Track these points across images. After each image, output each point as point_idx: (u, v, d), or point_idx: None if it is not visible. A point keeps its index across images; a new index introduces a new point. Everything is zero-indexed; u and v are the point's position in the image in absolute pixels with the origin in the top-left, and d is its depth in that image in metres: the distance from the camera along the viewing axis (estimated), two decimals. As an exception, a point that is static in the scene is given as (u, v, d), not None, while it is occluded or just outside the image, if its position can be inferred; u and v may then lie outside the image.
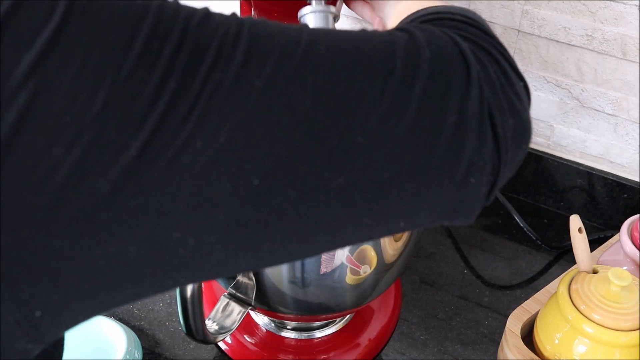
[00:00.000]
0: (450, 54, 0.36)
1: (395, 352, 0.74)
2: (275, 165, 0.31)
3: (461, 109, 0.34)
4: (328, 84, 0.32)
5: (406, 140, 0.33)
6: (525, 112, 0.39)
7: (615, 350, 0.62)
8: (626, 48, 0.80)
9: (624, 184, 0.88)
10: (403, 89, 0.33)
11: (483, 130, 0.35)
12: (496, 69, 0.37)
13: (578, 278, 0.66)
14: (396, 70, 0.34)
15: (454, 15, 0.40)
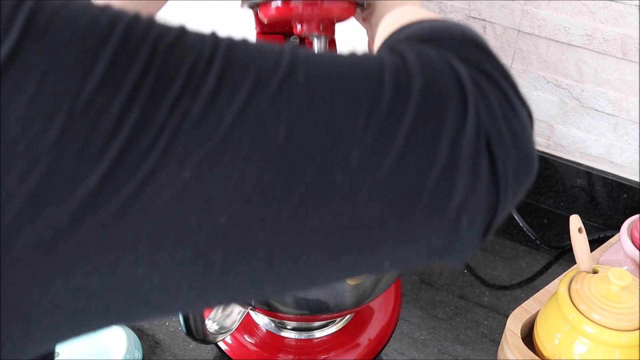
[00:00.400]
0: (446, 81, 0.32)
1: (395, 352, 0.74)
2: (244, 203, 0.28)
3: (454, 143, 0.31)
4: (305, 116, 0.29)
5: (390, 179, 0.30)
6: (530, 142, 0.35)
7: (616, 350, 0.62)
8: (626, 48, 0.80)
9: (624, 184, 0.88)
10: (390, 122, 0.30)
11: (478, 166, 0.31)
12: (499, 96, 0.34)
13: (578, 278, 0.66)
14: (383, 101, 0.31)
15: (452, 34, 0.37)
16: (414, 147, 0.30)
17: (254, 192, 0.28)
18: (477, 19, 0.88)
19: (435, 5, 0.90)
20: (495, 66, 0.35)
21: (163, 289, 0.29)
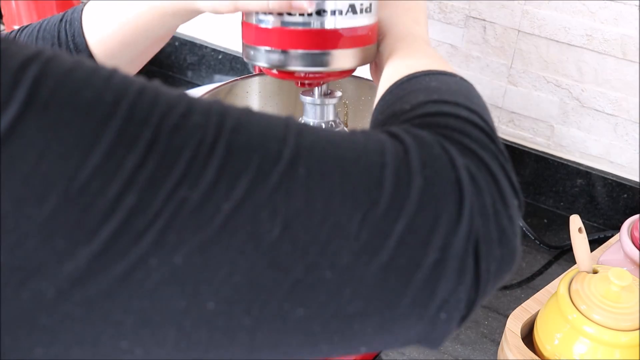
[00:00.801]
0: (446, 181, 0.32)
1: (395, 351, 0.74)
2: (232, 292, 0.29)
3: (444, 247, 0.31)
4: (301, 213, 0.29)
5: (377, 278, 0.30)
6: (516, 238, 0.35)
7: (616, 350, 0.62)
8: (626, 48, 0.80)
9: (624, 184, 0.88)
10: (385, 224, 0.30)
11: (464, 268, 0.32)
12: (493, 192, 0.34)
13: (578, 278, 0.66)
14: (381, 202, 0.31)
15: (458, 112, 0.37)
16: (405, 248, 0.31)
17: (242, 283, 0.29)
18: (477, 19, 0.88)
19: (435, 5, 0.90)
20: (496, 154, 0.36)
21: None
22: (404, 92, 0.42)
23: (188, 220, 0.27)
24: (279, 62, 0.57)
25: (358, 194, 0.31)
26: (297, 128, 0.32)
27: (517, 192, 0.36)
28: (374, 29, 0.59)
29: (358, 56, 0.58)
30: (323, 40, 0.56)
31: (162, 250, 0.27)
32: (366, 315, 0.31)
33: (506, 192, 0.35)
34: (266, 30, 0.56)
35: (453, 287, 0.32)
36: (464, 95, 0.40)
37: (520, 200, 0.36)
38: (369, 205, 0.30)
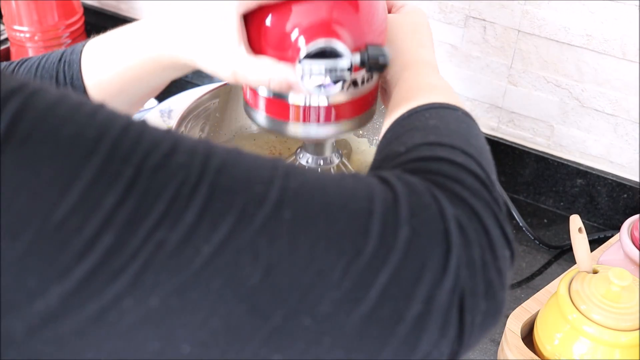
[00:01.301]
0: (433, 232, 0.31)
1: (395, 352, 0.74)
2: (209, 336, 0.28)
3: (429, 299, 0.30)
4: (284, 259, 0.28)
5: (358, 329, 0.29)
6: (502, 290, 0.35)
7: (616, 350, 0.62)
8: (626, 48, 0.80)
9: (624, 184, 0.88)
10: (368, 273, 0.29)
11: (448, 321, 0.31)
12: (483, 243, 0.33)
13: (578, 278, 0.66)
14: (365, 251, 0.30)
15: (453, 157, 0.36)
16: (388, 299, 0.30)
17: (220, 327, 0.28)
18: (477, 18, 0.88)
19: (435, 5, 0.90)
20: (489, 202, 0.35)
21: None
22: (402, 130, 0.41)
23: (166, 261, 0.27)
24: (277, 129, 0.58)
25: (343, 241, 0.30)
26: (284, 170, 0.31)
27: (510, 243, 0.35)
28: (374, 92, 0.60)
29: (357, 122, 0.58)
30: (320, 114, 0.56)
31: (137, 291, 0.26)
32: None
33: (497, 243, 0.34)
34: (265, 99, 0.56)
35: (436, 341, 0.31)
36: (463, 136, 0.39)
37: (513, 251, 0.36)
38: (353, 254, 0.29)
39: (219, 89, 0.73)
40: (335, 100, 0.55)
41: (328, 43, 0.49)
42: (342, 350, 0.30)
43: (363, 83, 0.56)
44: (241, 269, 0.28)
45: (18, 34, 1.14)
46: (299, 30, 0.51)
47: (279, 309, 0.28)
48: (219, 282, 0.27)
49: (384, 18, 0.56)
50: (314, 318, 0.29)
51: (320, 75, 0.50)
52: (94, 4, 1.26)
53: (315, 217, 0.30)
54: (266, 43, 0.53)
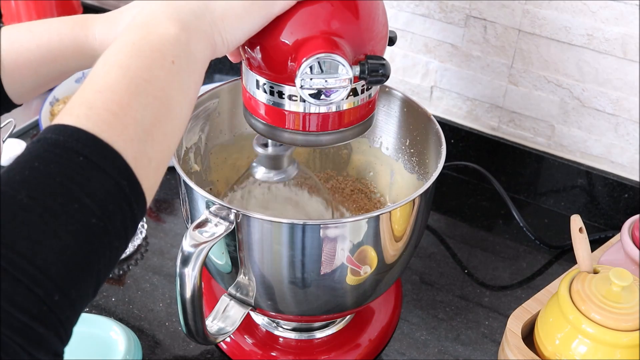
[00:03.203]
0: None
1: (396, 352, 0.74)
2: None
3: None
4: None
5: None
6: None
7: (616, 350, 0.62)
8: (627, 47, 0.80)
9: (624, 183, 0.87)
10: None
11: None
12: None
13: (579, 278, 0.65)
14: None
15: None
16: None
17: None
18: (478, 18, 0.88)
19: (436, 4, 0.90)
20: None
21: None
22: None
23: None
24: (276, 136, 0.58)
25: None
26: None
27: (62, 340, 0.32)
28: (374, 99, 0.59)
29: (358, 130, 0.58)
30: (321, 122, 0.56)
31: None
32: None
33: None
34: (264, 105, 0.56)
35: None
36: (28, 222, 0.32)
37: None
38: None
39: (219, 89, 0.73)
40: (335, 109, 0.55)
41: (328, 56, 0.49)
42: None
43: (363, 92, 0.56)
44: None
45: (18, 33, 1.14)
46: (299, 42, 0.51)
47: None
48: None
49: (384, 22, 0.56)
50: None
51: (320, 86, 0.50)
52: (93, 3, 1.26)
53: None
54: (266, 53, 0.53)
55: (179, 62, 0.42)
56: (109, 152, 0.36)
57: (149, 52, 0.41)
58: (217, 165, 0.78)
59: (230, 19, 0.47)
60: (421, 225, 0.65)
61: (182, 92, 0.43)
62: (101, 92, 0.38)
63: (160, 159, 0.41)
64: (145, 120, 0.39)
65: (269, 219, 0.56)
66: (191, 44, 0.44)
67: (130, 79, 0.39)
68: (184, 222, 0.69)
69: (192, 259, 0.54)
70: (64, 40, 0.56)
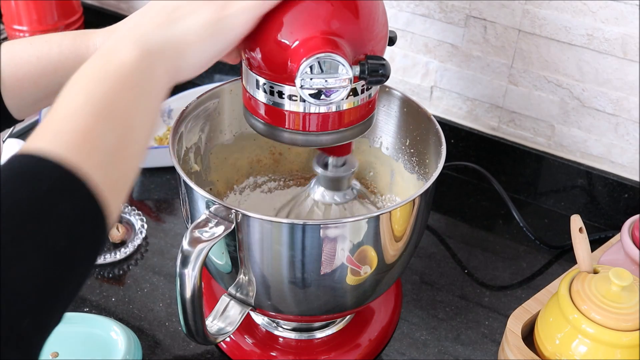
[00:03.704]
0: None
1: (396, 352, 0.74)
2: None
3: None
4: None
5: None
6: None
7: (616, 350, 0.62)
8: (627, 48, 0.80)
9: (624, 183, 0.87)
10: None
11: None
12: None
13: (579, 278, 0.65)
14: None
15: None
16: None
17: None
18: (478, 18, 0.88)
19: (436, 4, 0.90)
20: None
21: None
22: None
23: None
24: (276, 137, 0.58)
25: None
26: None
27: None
28: (374, 99, 0.59)
29: (358, 130, 0.58)
30: (320, 122, 0.56)
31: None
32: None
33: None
34: (264, 105, 0.56)
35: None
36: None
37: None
38: None
39: (219, 89, 0.73)
40: (335, 109, 0.55)
41: (328, 56, 0.49)
42: None
43: (363, 92, 0.56)
44: None
45: (18, 33, 1.14)
46: (298, 42, 0.51)
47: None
48: None
49: (384, 22, 0.56)
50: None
51: (320, 86, 0.50)
52: (93, 3, 1.26)
53: None
54: (266, 53, 0.53)
55: (141, 89, 0.44)
56: (75, 177, 0.37)
57: (112, 77, 0.43)
58: (217, 165, 0.78)
59: (193, 44, 0.48)
60: (421, 225, 0.65)
61: (144, 116, 0.44)
62: (67, 118, 0.39)
63: (124, 181, 0.42)
64: (109, 144, 0.40)
65: (269, 219, 0.56)
66: (153, 69, 0.45)
67: (94, 104, 0.41)
68: (184, 222, 0.69)
69: (192, 259, 0.54)
70: (64, 51, 0.57)
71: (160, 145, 1.00)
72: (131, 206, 0.90)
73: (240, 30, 0.51)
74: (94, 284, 0.80)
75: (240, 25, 0.50)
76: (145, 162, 0.98)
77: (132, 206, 0.90)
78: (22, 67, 0.56)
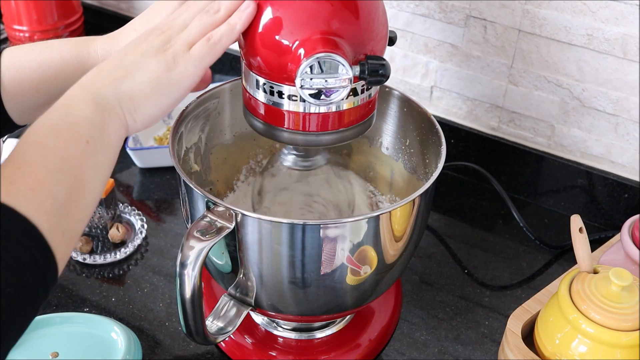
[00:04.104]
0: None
1: (396, 352, 0.74)
2: None
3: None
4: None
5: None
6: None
7: (616, 350, 0.62)
8: (627, 47, 0.80)
9: (624, 183, 0.87)
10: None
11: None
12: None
13: (579, 278, 0.65)
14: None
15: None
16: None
17: None
18: (478, 18, 0.88)
19: (436, 4, 0.90)
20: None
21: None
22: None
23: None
24: (275, 136, 0.58)
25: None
26: None
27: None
28: (374, 99, 0.59)
29: (357, 130, 0.58)
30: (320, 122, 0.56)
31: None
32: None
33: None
34: (264, 105, 0.56)
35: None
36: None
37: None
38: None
39: (219, 89, 0.73)
40: (335, 109, 0.55)
41: (328, 56, 0.49)
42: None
43: (363, 92, 0.56)
44: None
45: (18, 33, 1.14)
46: (298, 42, 0.51)
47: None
48: None
49: (384, 22, 0.56)
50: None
51: (320, 86, 0.50)
52: (93, 3, 1.26)
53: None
54: (266, 53, 0.53)
55: (94, 143, 0.46)
56: (26, 225, 0.39)
57: (65, 132, 0.45)
58: (217, 165, 0.78)
59: (139, 100, 0.50)
60: (421, 225, 0.65)
61: (96, 170, 0.46)
62: (20, 169, 0.41)
63: (73, 230, 0.44)
64: (60, 196, 0.42)
65: (268, 219, 0.56)
66: (105, 125, 0.47)
67: (47, 157, 0.43)
68: (184, 222, 0.69)
69: (192, 259, 0.54)
70: (65, 57, 0.58)
71: (160, 145, 1.00)
72: (131, 206, 0.90)
73: (190, 82, 0.52)
74: (94, 284, 0.80)
75: (189, 77, 0.52)
76: (145, 162, 0.98)
77: (132, 206, 0.90)
78: (23, 73, 0.57)
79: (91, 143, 0.45)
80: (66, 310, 0.76)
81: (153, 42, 0.52)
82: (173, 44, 0.52)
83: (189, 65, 0.51)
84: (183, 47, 0.52)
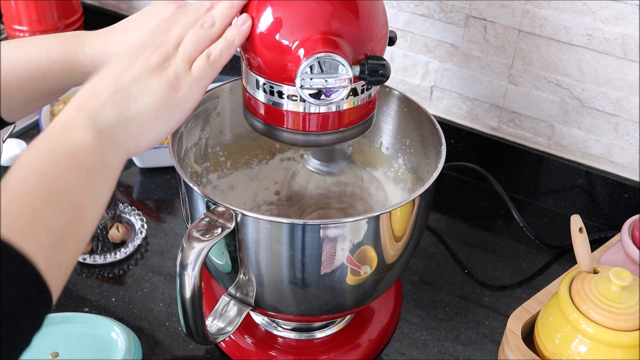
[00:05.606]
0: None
1: (396, 352, 0.74)
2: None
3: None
4: None
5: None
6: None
7: (616, 350, 0.62)
8: (627, 47, 0.80)
9: (624, 183, 0.87)
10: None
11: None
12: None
13: (579, 278, 0.65)
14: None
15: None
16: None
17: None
18: (478, 18, 0.88)
19: (436, 4, 0.90)
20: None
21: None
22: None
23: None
24: (276, 136, 0.58)
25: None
26: None
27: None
28: (374, 99, 0.59)
29: (357, 130, 0.58)
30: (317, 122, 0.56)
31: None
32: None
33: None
34: (264, 105, 0.56)
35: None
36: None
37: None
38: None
39: (219, 89, 0.73)
40: (335, 109, 0.55)
41: (327, 56, 0.49)
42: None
43: (363, 92, 0.56)
44: None
45: (18, 33, 1.14)
46: (298, 42, 0.51)
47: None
48: None
49: (384, 22, 0.56)
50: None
51: (320, 86, 0.50)
52: (93, 3, 1.26)
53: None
54: (266, 53, 0.53)
55: (93, 171, 0.44)
56: (21, 259, 0.37)
57: (64, 159, 0.43)
58: (217, 165, 0.78)
59: (145, 124, 0.48)
60: (421, 225, 0.65)
61: (95, 199, 0.44)
62: (16, 198, 0.39)
63: (70, 260, 0.42)
64: (58, 227, 0.40)
65: (268, 219, 0.56)
66: (105, 153, 0.46)
67: (44, 186, 0.41)
68: (184, 222, 0.69)
69: (192, 259, 0.54)
70: (53, 56, 0.57)
71: (160, 145, 1.00)
72: (131, 206, 0.90)
73: (194, 102, 0.51)
74: (94, 284, 0.80)
75: (193, 97, 0.51)
76: (145, 162, 0.98)
77: (132, 206, 0.90)
78: (10, 71, 0.56)
79: (91, 171, 0.44)
80: (66, 310, 0.76)
81: (150, 59, 0.49)
82: (172, 62, 0.50)
83: (192, 85, 0.50)
84: (183, 65, 0.50)
